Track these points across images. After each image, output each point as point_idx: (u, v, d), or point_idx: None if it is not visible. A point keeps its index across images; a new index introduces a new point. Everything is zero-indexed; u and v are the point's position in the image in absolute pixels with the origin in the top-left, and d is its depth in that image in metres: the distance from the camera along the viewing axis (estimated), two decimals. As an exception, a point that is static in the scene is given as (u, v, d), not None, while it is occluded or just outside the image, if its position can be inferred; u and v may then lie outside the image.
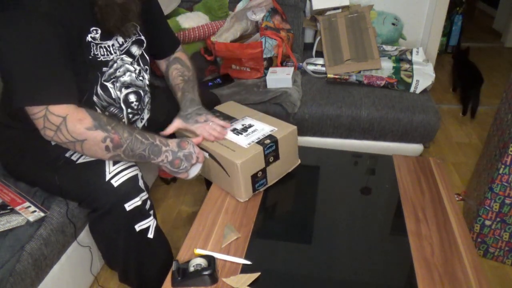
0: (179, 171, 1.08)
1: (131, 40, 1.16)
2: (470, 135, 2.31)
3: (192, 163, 1.08)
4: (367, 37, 1.90)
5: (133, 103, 1.18)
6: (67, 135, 0.95)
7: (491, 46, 3.61)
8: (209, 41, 1.90)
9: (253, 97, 1.71)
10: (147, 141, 1.03)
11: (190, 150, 1.07)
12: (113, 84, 1.12)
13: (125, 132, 1.00)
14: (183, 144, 1.07)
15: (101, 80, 1.09)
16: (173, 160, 1.05)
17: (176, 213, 1.74)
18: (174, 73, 1.31)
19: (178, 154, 1.05)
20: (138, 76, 1.19)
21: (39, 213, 1.08)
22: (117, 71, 1.12)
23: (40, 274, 1.06)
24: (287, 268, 0.94)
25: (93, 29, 1.04)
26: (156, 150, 1.03)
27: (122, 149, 0.99)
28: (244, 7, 2.04)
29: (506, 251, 1.47)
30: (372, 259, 0.97)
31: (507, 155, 1.32)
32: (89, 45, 1.03)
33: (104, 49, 1.08)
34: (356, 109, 1.71)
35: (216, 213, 1.09)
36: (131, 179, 1.04)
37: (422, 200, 1.14)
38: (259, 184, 1.15)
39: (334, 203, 1.16)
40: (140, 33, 1.19)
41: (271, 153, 1.14)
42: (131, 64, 1.16)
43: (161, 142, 1.05)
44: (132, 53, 1.17)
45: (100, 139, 0.97)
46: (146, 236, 1.09)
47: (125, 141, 0.99)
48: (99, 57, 1.07)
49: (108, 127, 0.97)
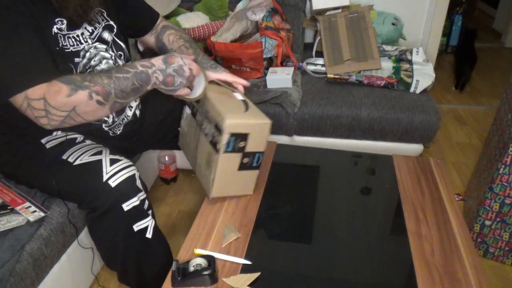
0: (175, 89, 1.03)
1: (100, 26, 1.13)
2: (470, 135, 2.31)
3: (186, 76, 1.01)
4: (367, 37, 1.90)
5: None
6: (57, 113, 0.93)
7: (491, 46, 3.61)
8: (209, 41, 1.90)
9: (253, 97, 1.71)
10: (129, 74, 0.98)
11: (179, 63, 1.00)
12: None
13: (104, 78, 0.95)
14: (170, 59, 1.00)
15: (77, 72, 1.07)
16: (165, 79, 1.00)
17: (176, 213, 1.74)
18: (171, 38, 1.28)
19: (167, 71, 1.00)
20: (115, 63, 1.16)
21: (39, 213, 1.08)
22: (92, 60, 1.10)
23: (40, 274, 1.06)
24: (287, 268, 0.94)
25: (58, 20, 1.01)
26: (144, 76, 0.99)
27: (112, 95, 0.96)
28: (244, 7, 2.04)
29: (506, 251, 1.47)
30: (372, 259, 0.97)
31: (507, 155, 1.32)
32: (56, 36, 1.01)
33: (72, 39, 1.05)
34: (356, 109, 1.71)
35: (216, 213, 1.09)
36: (128, 179, 1.04)
37: (422, 200, 1.14)
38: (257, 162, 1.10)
39: (334, 203, 1.16)
40: (107, 18, 1.16)
41: (235, 146, 1.04)
42: (106, 51, 1.13)
43: (144, 66, 0.99)
44: (105, 39, 1.14)
45: (86, 98, 0.93)
46: (145, 236, 1.09)
47: (109, 86, 0.95)
48: (68, 48, 1.04)
49: (85, 83, 0.94)
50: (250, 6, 2.00)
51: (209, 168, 1.08)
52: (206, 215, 1.09)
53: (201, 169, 1.15)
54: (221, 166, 1.05)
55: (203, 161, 1.12)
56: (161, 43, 1.29)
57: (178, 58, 1.01)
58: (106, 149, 1.09)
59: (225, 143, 1.02)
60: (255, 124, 1.05)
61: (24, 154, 1.10)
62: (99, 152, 1.07)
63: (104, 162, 1.04)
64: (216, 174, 1.06)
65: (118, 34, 1.19)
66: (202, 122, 1.12)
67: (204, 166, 1.12)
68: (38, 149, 1.09)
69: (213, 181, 1.07)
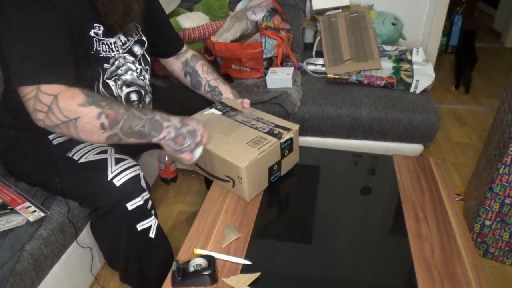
0: (182, 149, 1.02)
1: (133, 40, 1.17)
2: (470, 135, 2.31)
3: (197, 142, 1.03)
4: (367, 37, 1.90)
5: (134, 102, 1.18)
6: (58, 115, 0.89)
7: (491, 46, 3.61)
8: (209, 41, 1.90)
9: (253, 97, 1.71)
10: (146, 117, 0.97)
11: (194, 127, 1.02)
12: (115, 82, 1.13)
13: (121, 108, 0.94)
14: (187, 120, 1.02)
15: (103, 78, 1.09)
16: (176, 136, 0.99)
17: (176, 213, 1.74)
18: (206, 68, 1.37)
19: (181, 130, 1.00)
20: (140, 76, 1.19)
21: (39, 213, 1.08)
22: (119, 69, 1.13)
23: (40, 274, 1.06)
24: (287, 268, 0.94)
25: (96, 25, 1.05)
26: (157, 125, 0.98)
27: (119, 126, 0.93)
28: (244, 7, 2.04)
29: (506, 251, 1.47)
30: (372, 259, 0.97)
31: (507, 155, 1.32)
32: (91, 39, 1.05)
33: (106, 46, 1.09)
34: (356, 109, 1.71)
35: (216, 213, 1.09)
36: (133, 179, 1.04)
37: (422, 200, 1.14)
38: (274, 176, 1.18)
39: (334, 203, 1.16)
40: (141, 34, 1.21)
41: (287, 146, 1.16)
42: (133, 63, 1.17)
43: (162, 118, 0.99)
44: (134, 52, 1.18)
45: (95, 115, 0.90)
46: (148, 235, 1.09)
47: (122, 117, 0.93)
48: (101, 53, 1.08)
49: (103, 103, 0.92)
50: (250, 6, 2.00)
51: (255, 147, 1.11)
52: (206, 215, 1.09)
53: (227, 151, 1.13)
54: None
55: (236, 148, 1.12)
56: (192, 70, 1.37)
57: (194, 122, 1.03)
58: (111, 148, 1.09)
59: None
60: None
61: (30, 149, 1.11)
62: (105, 151, 1.08)
63: (110, 161, 1.04)
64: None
65: (147, 50, 1.23)
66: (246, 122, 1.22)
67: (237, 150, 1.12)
68: (45, 145, 1.09)
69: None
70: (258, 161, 1.08)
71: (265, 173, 1.14)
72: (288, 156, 1.19)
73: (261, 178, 1.14)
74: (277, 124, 1.20)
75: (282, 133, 1.15)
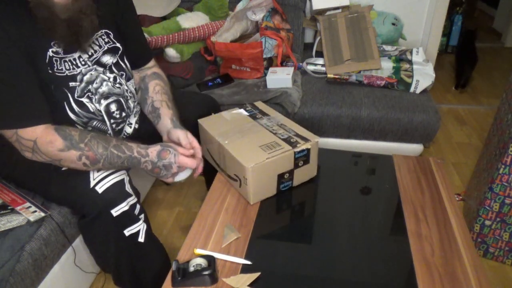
0: (159, 177, 1.10)
1: (102, 50, 1.11)
2: (470, 135, 2.31)
3: (172, 173, 1.07)
4: (367, 37, 1.90)
5: (114, 113, 1.14)
6: (43, 156, 0.97)
7: (491, 46, 3.61)
8: (209, 41, 1.90)
9: (253, 97, 1.71)
10: (124, 155, 1.02)
11: (171, 160, 1.05)
12: (89, 98, 1.08)
13: (100, 147, 0.99)
14: (164, 153, 1.05)
15: (75, 97, 1.05)
16: (153, 169, 1.06)
17: (176, 213, 1.74)
18: (157, 88, 1.25)
19: (157, 164, 1.05)
20: (115, 84, 1.14)
21: (39, 213, 1.08)
22: (94, 83, 1.08)
23: (40, 274, 1.06)
24: (287, 268, 0.94)
25: (54, 43, 1.00)
26: (135, 161, 1.03)
27: (100, 164, 1.00)
28: (244, 7, 2.04)
29: (506, 251, 1.47)
30: (372, 259, 0.97)
31: (507, 155, 1.32)
32: (51, 60, 1.00)
33: (69, 63, 1.03)
34: (356, 109, 1.71)
35: (216, 213, 1.09)
36: (116, 185, 1.04)
37: (422, 200, 1.14)
38: (285, 185, 1.17)
39: (334, 203, 1.16)
40: (114, 41, 1.14)
41: (301, 157, 1.14)
42: (104, 73, 1.11)
43: (140, 154, 1.04)
44: (103, 62, 1.11)
45: (75, 158, 0.97)
46: (137, 240, 1.08)
47: (101, 156, 0.99)
48: (63, 72, 1.02)
49: (81, 144, 0.97)
50: (250, 6, 2.00)
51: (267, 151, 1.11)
52: (206, 215, 1.09)
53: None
54: None
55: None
56: (145, 86, 1.26)
57: (172, 155, 1.06)
58: None
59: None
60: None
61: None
62: None
63: None
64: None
65: (122, 56, 1.17)
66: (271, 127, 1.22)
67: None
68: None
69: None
70: (265, 165, 1.07)
71: (273, 180, 1.12)
72: (303, 167, 1.17)
73: (268, 184, 1.13)
74: (297, 133, 1.18)
75: (299, 143, 1.14)
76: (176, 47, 1.81)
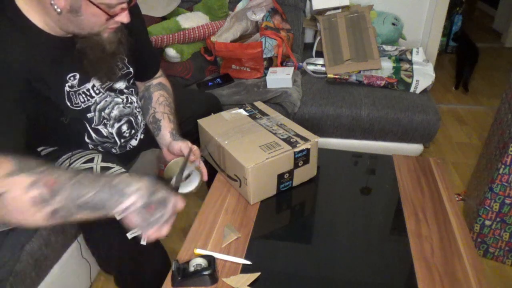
0: (154, 222, 0.94)
1: (115, 77, 1.10)
2: (470, 135, 2.31)
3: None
4: (367, 37, 1.90)
5: (125, 133, 1.15)
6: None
7: (491, 46, 3.61)
8: (209, 41, 1.90)
9: (253, 97, 1.71)
10: (98, 184, 0.76)
11: (164, 196, 0.92)
12: (105, 125, 1.09)
13: (65, 175, 0.74)
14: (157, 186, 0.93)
15: (92, 126, 1.05)
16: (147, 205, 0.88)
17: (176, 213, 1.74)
18: (161, 99, 1.23)
19: (152, 198, 0.87)
20: (126, 105, 1.13)
21: (39, 213, 1.08)
22: (107, 108, 1.08)
23: (40, 274, 1.06)
24: (287, 268, 0.94)
25: (70, 76, 0.97)
26: (116, 192, 0.78)
27: (59, 198, 0.71)
28: (244, 7, 2.04)
29: (506, 251, 1.47)
30: (372, 259, 0.97)
31: (507, 155, 1.32)
32: (69, 95, 0.98)
33: (83, 95, 1.02)
34: (356, 109, 1.71)
35: (216, 213, 1.09)
36: None
37: (422, 200, 1.14)
38: (285, 185, 1.16)
39: (334, 203, 1.16)
40: (128, 66, 1.13)
41: (301, 157, 1.14)
42: (116, 96, 1.11)
43: (124, 182, 0.79)
44: (115, 88, 1.11)
45: (24, 186, 0.69)
46: (139, 243, 1.08)
47: (63, 184, 0.72)
48: (79, 105, 1.01)
49: (39, 169, 0.72)
50: (250, 6, 2.00)
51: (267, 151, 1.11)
52: (206, 215, 1.09)
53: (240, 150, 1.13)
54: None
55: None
56: (148, 96, 1.24)
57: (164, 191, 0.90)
58: (98, 155, 1.06)
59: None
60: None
61: None
62: (91, 159, 1.05)
63: (95, 170, 1.03)
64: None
65: (132, 77, 1.16)
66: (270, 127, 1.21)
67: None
68: (34, 157, 1.08)
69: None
70: (265, 165, 1.07)
71: (273, 180, 1.12)
72: (303, 167, 1.16)
73: (268, 184, 1.13)
74: (297, 133, 1.18)
75: (299, 143, 1.13)
76: (176, 47, 1.81)
